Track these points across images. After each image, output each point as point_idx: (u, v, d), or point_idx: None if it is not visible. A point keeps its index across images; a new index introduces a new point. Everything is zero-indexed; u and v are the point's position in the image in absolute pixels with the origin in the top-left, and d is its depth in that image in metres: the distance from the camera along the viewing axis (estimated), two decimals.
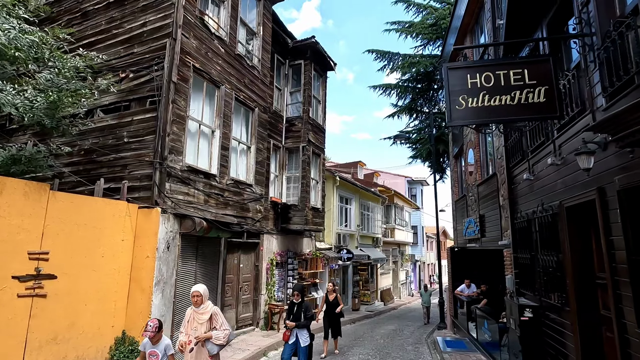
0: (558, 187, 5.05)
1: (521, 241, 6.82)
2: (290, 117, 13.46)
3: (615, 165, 3.66)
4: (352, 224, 19.72)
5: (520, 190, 6.83)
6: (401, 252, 30.18)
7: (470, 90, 4.17)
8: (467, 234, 10.96)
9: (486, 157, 9.79)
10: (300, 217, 12.45)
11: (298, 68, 13.87)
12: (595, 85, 3.95)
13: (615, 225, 3.69)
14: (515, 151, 7.03)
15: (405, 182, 34.99)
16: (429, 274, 41.73)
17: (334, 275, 16.65)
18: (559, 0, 4.78)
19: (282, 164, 13.17)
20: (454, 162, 13.81)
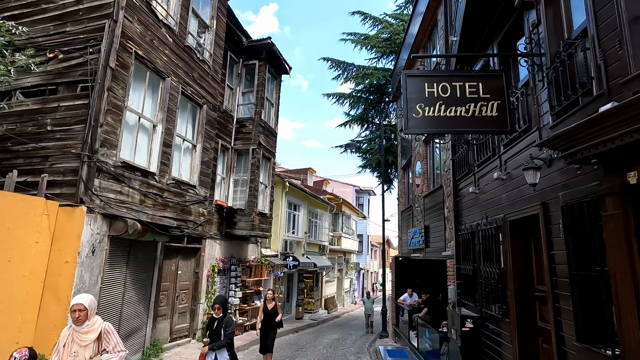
0: (503, 201, 5.19)
1: (464, 252, 6.98)
2: (241, 118, 12.96)
3: (559, 181, 3.78)
4: (300, 231, 19.46)
5: (465, 203, 7.01)
6: (346, 260, 30.45)
7: (428, 99, 4.15)
8: (412, 244, 11.17)
9: (433, 170, 10.06)
10: (247, 222, 11.94)
11: (252, 68, 13.44)
12: (543, 104, 4.10)
13: (557, 240, 3.80)
14: (462, 165, 7.24)
15: (353, 191, 35.53)
16: (372, 282, 42.57)
17: (279, 282, 16.22)
18: (510, 21, 4.96)
19: (230, 166, 12.60)
20: (401, 173, 14.14)
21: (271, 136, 13.85)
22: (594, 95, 3.17)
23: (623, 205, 2.82)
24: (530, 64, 4.25)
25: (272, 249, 16.16)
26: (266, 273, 14.53)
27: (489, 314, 5.62)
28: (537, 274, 4.70)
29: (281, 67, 14.48)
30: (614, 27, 3.01)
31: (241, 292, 12.69)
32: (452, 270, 7.50)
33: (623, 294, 2.78)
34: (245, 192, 12.34)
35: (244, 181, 12.53)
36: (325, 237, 23.37)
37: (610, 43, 3.05)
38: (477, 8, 5.24)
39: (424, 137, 10.58)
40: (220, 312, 5.40)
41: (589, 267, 3.34)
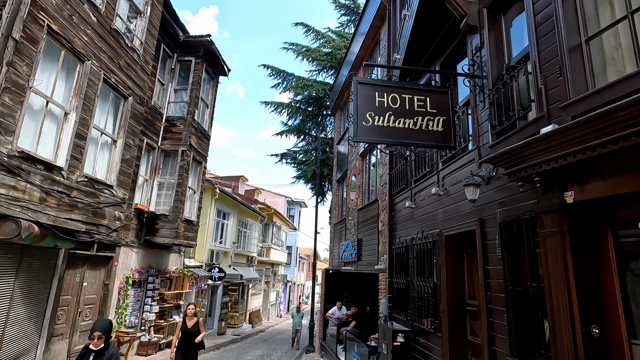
0: (439, 216, 5.30)
1: (397, 266, 7.05)
2: (171, 116, 12.00)
3: (496, 199, 3.90)
4: (228, 241, 18.53)
5: (401, 217, 7.12)
6: (274, 272, 29.79)
7: (378, 108, 4.07)
8: (343, 257, 11.15)
9: (368, 184, 10.21)
10: (170, 230, 10.95)
11: (187, 65, 12.60)
12: (483, 123, 4.26)
13: (492, 255, 3.90)
14: (398, 180, 7.37)
15: (285, 202, 35.19)
16: (298, 294, 42.21)
17: (202, 296, 15.15)
18: (454, 43, 5.17)
19: (156, 167, 11.53)
20: (336, 186, 14.21)
21: (204, 139, 13.03)
22: (535, 117, 3.32)
23: (560, 223, 2.92)
24: (472, 85, 4.42)
25: (196, 259, 15.09)
26: (188, 285, 13.46)
27: (421, 328, 5.66)
28: (468, 288, 4.82)
29: (219, 67, 13.82)
30: (554, 54, 3.19)
31: (158, 307, 11.53)
32: (385, 283, 7.53)
33: (558, 309, 2.86)
34: (171, 196, 11.35)
35: (170, 185, 11.53)
36: (254, 248, 22.62)
37: (550, 69, 3.22)
38: (423, 29, 5.39)
39: (362, 151, 10.74)
40: (100, 343, 3.87)
41: (525, 283, 3.44)
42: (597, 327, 2.74)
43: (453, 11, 4.57)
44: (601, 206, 2.87)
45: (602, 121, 2.40)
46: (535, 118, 3.32)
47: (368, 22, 10.35)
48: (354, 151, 11.64)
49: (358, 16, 18.57)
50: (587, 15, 3.08)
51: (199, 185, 12.90)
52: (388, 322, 6.70)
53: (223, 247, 17.69)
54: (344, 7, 18.45)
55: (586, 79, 2.98)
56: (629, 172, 2.51)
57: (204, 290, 15.33)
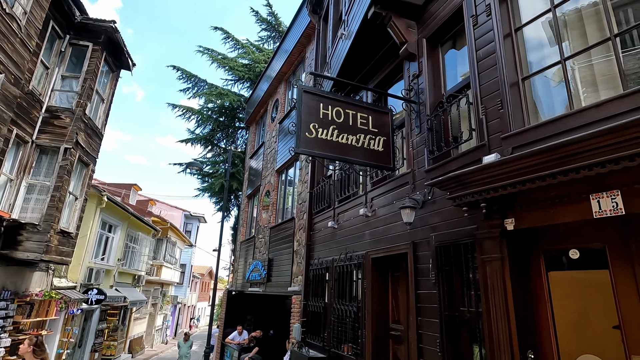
0: (366, 237, 5.22)
1: (314, 289, 6.78)
2: (55, 106, 10.06)
3: (431, 223, 3.94)
4: (112, 258, 16.10)
5: (321, 237, 6.92)
6: (163, 293, 26.92)
7: (322, 120, 3.83)
8: (251, 277, 10.48)
9: (284, 201, 9.87)
10: (39, 243, 8.95)
11: (82, 51, 10.83)
12: (418, 148, 4.34)
13: (425, 280, 3.89)
14: (320, 199, 7.20)
15: (182, 215, 32.60)
16: (189, 317, 38.87)
17: (72, 323, 12.68)
18: (390, 67, 5.29)
19: (26, 165, 9.43)
20: (246, 202, 13.53)
21: (95, 137, 11.22)
22: (476, 145, 3.45)
23: (500, 249, 3.00)
24: (409, 110, 4.51)
25: (69, 278, 12.68)
26: (55, 311, 11.12)
27: (339, 355, 5.42)
28: (393, 312, 4.77)
29: (122, 60, 12.20)
30: (496, 88, 3.38)
31: (10, 339, 9.19)
32: (299, 306, 7.17)
33: (497, 335, 2.88)
34: (44, 202, 9.35)
35: (45, 188, 9.52)
36: (144, 265, 20.14)
37: (491, 101, 3.40)
38: (360, 50, 5.43)
39: (278, 167, 10.40)
40: None
41: (460, 309, 3.46)
42: (532, 352, 2.82)
43: (394, 36, 4.67)
44: (536, 234, 3.02)
45: (543, 156, 2.53)
46: (476, 146, 3.44)
47: (294, 40, 10.28)
48: (269, 167, 11.25)
49: (278, 33, 18.61)
50: (524, 56, 3.33)
51: (83, 191, 10.95)
52: (303, 348, 6.32)
53: (105, 265, 15.28)
54: (265, 22, 18.28)
55: (523, 114, 3.18)
56: (562, 204, 2.68)
57: (76, 316, 12.88)
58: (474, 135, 3.51)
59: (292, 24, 10.62)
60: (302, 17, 9.86)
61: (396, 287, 4.76)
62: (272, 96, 12.55)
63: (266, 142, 12.14)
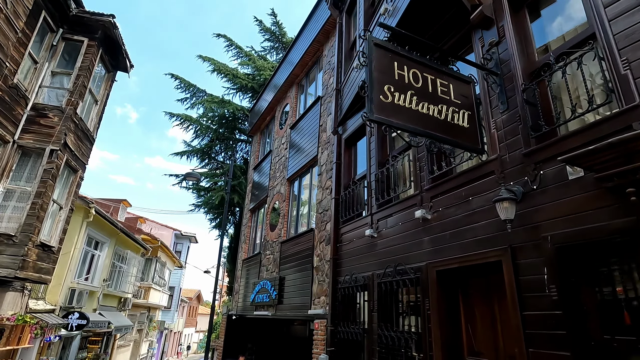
0: (424, 246, 4.23)
1: (345, 311, 5.68)
2: (42, 104, 9.02)
3: (539, 220, 2.97)
4: (97, 278, 14.64)
5: (351, 250, 5.89)
6: (150, 318, 25.03)
7: (398, 82, 2.93)
8: (257, 299, 9.27)
9: (297, 212, 8.84)
10: (13, 257, 7.69)
11: (76, 47, 9.89)
12: (507, 128, 3.42)
13: (534, 297, 2.88)
14: (349, 205, 6.22)
15: (172, 235, 31.03)
16: (177, 344, 36.48)
17: (48, 352, 11.15)
18: (451, 42, 4.44)
19: (5, 167, 8.27)
20: (249, 216, 12.43)
21: (85, 141, 10.13)
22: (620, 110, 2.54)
23: None
24: (489, 84, 3.63)
25: (48, 300, 11.25)
26: (29, 338, 9.66)
27: None
28: (468, 341, 3.72)
29: (119, 60, 11.29)
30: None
31: None
32: (323, 333, 6.03)
33: None
34: (23, 210, 8.15)
35: (25, 194, 8.33)
36: (131, 287, 18.56)
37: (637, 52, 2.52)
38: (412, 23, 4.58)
39: (290, 175, 9.42)
40: None
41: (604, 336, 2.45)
42: None
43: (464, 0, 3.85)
44: None
45: None
46: (619, 111, 2.53)
47: (309, 38, 9.54)
48: (279, 176, 10.26)
49: (282, 44, 18.02)
50: None
51: (69, 200, 9.75)
52: None
53: (89, 286, 13.81)
54: (268, 32, 17.69)
55: None
56: None
57: (53, 343, 11.37)
58: (614, 98, 2.60)
59: (307, 21, 9.90)
60: (320, 13, 9.15)
61: (472, 308, 3.74)
62: (281, 102, 11.71)
63: (274, 151, 11.19)
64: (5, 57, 6.52)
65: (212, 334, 11.93)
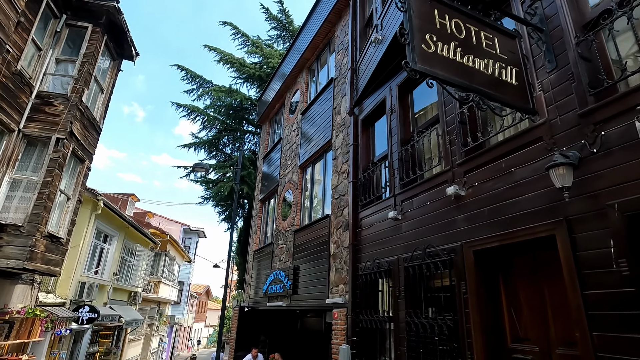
0: (457, 224, 3.89)
1: (366, 299, 5.38)
2: (47, 92, 8.78)
3: (602, 187, 2.62)
4: (107, 272, 14.51)
5: (372, 234, 5.57)
6: (160, 313, 25.02)
7: (440, 32, 2.60)
8: (270, 290, 9.01)
9: (311, 200, 8.53)
10: (22, 248, 7.48)
11: (80, 34, 9.62)
12: (557, 88, 3.06)
13: (599, 274, 2.54)
14: (369, 188, 5.89)
15: (181, 230, 30.96)
16: (187, 338, 36.60)
17: (59, 346, 11.02)
18: None
19: (11, 157, 8.06)
20: (259, 206, 12.15)
21: (92, 130, 9.89)
22: None
23: None
24: (533, 41, 3.26)
25: (58, 293, 11.10)
26: (40, 331, 9.51)
27: None
28: (512, 326, 3.39)
29: (124, 47, 11.01)
30: None
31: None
32: (343, 323, 5.74)
33: None
34: (30, 200, 7.93)
35: (32, 184, 8.11)
36: (141, 281, 18.46)
37: None
38: None
39: (302, 162, 9.10)
40: None
41: None
42: None
43: None
44: None
45: None
46: None
47: (320, 19, 9.17)
48: (290, 163, 9.95)
49: (289, 33, 17.62)
50: None
51: (76, 191, 9.53)
52: None
53: (99, 279, 13.67)
54: (275, 19, 17.31)
55: None
56: None
57: (64, 337, 11.24)
58: None
59: (318, 1, 9.52)
60: None
61: (515, 290, 3.40)
62: (291, 88, 11.37)
63: (284, 139, 10.87)
64: (7, 37, 6.26)
65: (223, 328, 11.72)
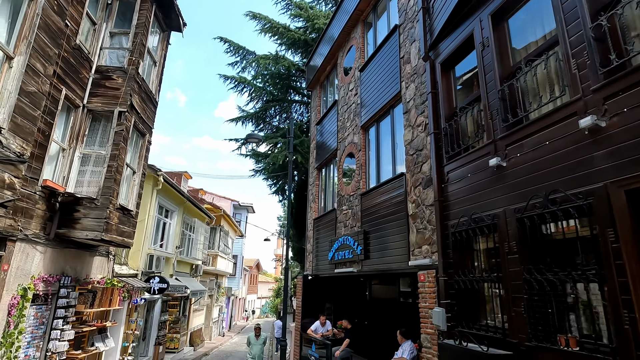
0: (596, 163, 3.23)
1: (460, 258, 4.87)
2: (105, 66, 8.77)
3: None
4: (170, 245, 15.05)
5: (464, 188, 4.99)
6: (218, 284, 26.13)
7: None
8: (337, 257, 8.74)
9: (378, 160, 8.00)
10: (98, 220, 7.66)
11: (130, 5, 9.47)
12: None
13: None
14: (455, 138, 5.26)
15: (231, 205, 31.77)
16: (243, 308, 38.34)
17: (136, 314, 11.62)
18: None
19: (79, 133, 8.20)
20: (315, 174, 11.82)
21: (149, 103, 9.89)
22: None
23: None
24: None
25: (130, 265, 11.59)
26: (118, 300, 9.99)
27: (546, 349, 3.48)
28: None
29: (172, 18, 10.80)
30: None
31: (73, 331, 8.06)
32: (433, 285, 5.29)
33: None
34: (101, 174, 8.07)
35: (100, 158, 8.24)
36: (200, 254, 19.14)
37: None
38: None
39: (364, 122, 8.55)
40: None
41: None
42: None
43: None
44: None
45: None
46: None
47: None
48: (349, 125, 9.42)
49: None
50: None
51: (140, 164, 9.66)
52: (458, 340, 4.43)
53: (164, 252, 14.21)
54: None
55: None
56: None
57: (139, 306, 11.82)
58: None
59: None
60: None
61: None
62: (343, 46, 10.68)
63: (340, 101, 10.31)
64: (65, 10, 6.10)
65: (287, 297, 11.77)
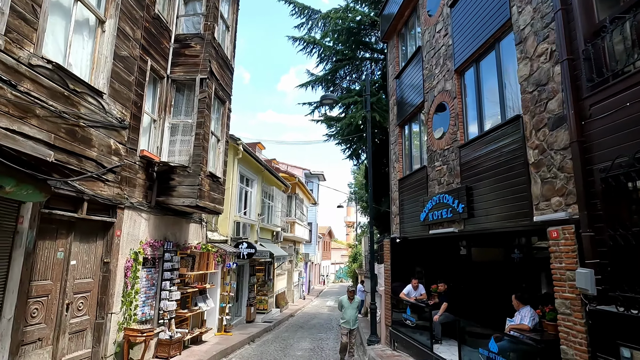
0: None
1: (616, 208, 3.93)
2: (182, 34, 8.75)
3: None
4: (252, 212, 15.52)
5: (619, 122, 3.97)
6: (296, 251, 26.98)
7: None
8: (431, 217, 8.06)
9: (479, 106, 7.00)
10: (191, 187, 7.86)
11: None
12: None
13: None
14: (601, 62, 4.17)
15: (303, 174, 32.14)
16: (320, 274, 39.64)
17: (229, 277, 12.23)
18: None
19: (166, 103, 8.37)
20: (397, 131, 11.01)
21: (226, 70, 9.79)
22: None
23: None
24: None
25: (220, 232, 12.09)
26: (214, 264, 10.49)
27: None
28: None
29: None
30: None
31: (179, 293, 8.59)
32: (572, 242, 4.44)
33: None
34: (190, 143, 8.21)
35: (187, 127, 8.37)
36: (279, 221, 19.63)
37: None
38: None
39: (458, 66, 7.51)
40: None
41: None
42: None
43: None
44: None
45: None
46: None
47: None
48: (439, 72, 8.40)
49: None
50: None
51: (223, 132, 9.73)
52: (618, 306, 3.62)
53: (248, 220, 14.68)
54: None
55: None
56: None
57: (231, 270, 12.41)
58: None
59: None
60: None
61: None
62: None
63: (425, 46, 9.23)
64: None
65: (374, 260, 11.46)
